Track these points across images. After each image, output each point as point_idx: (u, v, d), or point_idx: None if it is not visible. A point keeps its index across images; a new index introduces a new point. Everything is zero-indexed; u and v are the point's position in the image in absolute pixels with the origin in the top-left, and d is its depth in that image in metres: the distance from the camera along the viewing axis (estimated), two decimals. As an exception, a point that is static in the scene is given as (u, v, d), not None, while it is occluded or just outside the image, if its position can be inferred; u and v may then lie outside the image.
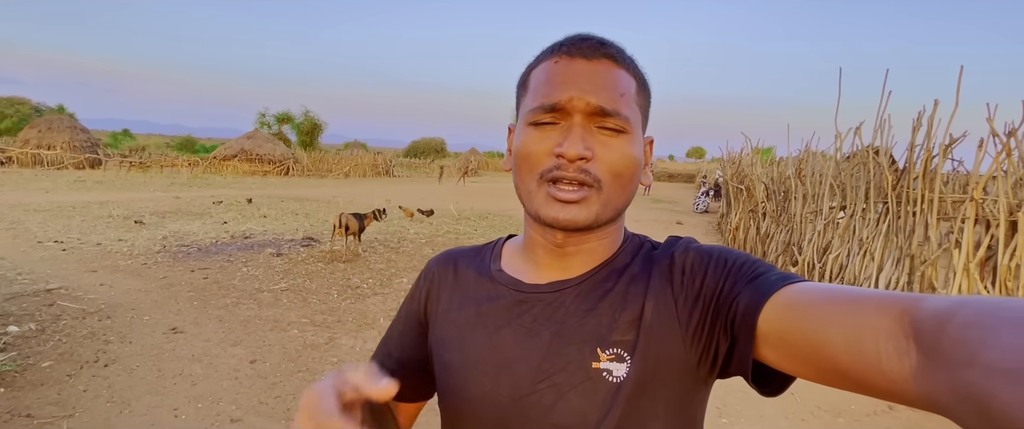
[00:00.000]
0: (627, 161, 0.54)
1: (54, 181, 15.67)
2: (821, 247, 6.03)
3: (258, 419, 2.77)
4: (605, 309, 0.55)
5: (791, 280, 0.47)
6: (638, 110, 0.57)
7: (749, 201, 9.23)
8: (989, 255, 4.10)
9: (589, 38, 0.56)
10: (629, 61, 0.57)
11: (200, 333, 3.90)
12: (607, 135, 0.54)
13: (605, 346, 0.54)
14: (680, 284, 0.54)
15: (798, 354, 0.43)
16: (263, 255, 6.60)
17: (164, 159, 25.07)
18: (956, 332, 0.30)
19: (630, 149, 0.55)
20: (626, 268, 0.58)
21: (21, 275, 5.13)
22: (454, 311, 0.64)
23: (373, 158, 29.82)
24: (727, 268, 0.52)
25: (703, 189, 17.53)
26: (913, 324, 0.35)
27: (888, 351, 0.36)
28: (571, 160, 0.52)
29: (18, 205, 9.96)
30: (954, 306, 0.32)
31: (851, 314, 0.39)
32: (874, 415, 3.21)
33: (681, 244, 0.58)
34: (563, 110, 0.53)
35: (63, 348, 3.48)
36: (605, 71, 0.54)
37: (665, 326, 0.53)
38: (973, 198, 4.08)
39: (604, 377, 0.53)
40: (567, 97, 0.53)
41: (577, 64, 0.54)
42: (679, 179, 37.79)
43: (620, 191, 0.55)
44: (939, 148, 4.42)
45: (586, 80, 0.53)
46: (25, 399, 2.79)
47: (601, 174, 0.53)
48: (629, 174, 0.55)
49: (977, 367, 0.28)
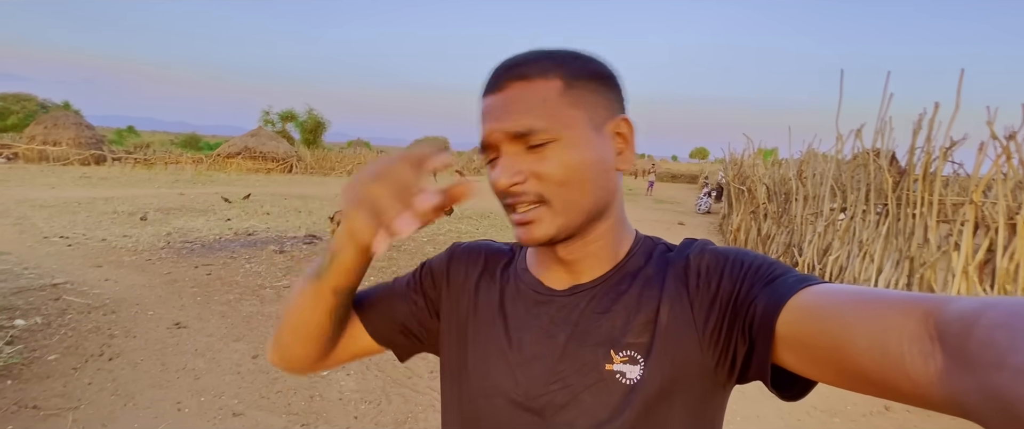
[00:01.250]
0: (567, 169, 0.53)
1: (60, 177, 15.77)
2: (821, 248, 6.04)
3: (259, 413, 2.81)
4: (619, 311, 0.56)
5: (810, 282, 0.47)
6: (572, 108, 0.54)
7: (750, 202, 9.24)
8: (988, 258, 4.11)
9: (499, 68, 0.56)
10: (547, 67, 0.54)
11: (203, 328, 3.95)
12: (537, 153, 0.53)
13: (618, 348, 0.54)
14: (696, 287, 0.54)
15: (819, 358, 0.43)
16: (266, 252, 6.64)
17: (168, 156, 25.18)
18: (983, 334, 0.30)
19: (568, 154, 0.53)
20: (640, 270, 0.58)
21: (27, 270, 5.19)
22: (474, 309, 0.64)
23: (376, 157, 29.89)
24: (744, 270, 0.52)
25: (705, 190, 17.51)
26: (938, 326, 0.34)
27: (912, 354, 0.35)
28: (502, 191, 0.54)
29: (24, 201, 10.05)
30: (981, 308, 0.32)
31: (873, 316, 0.39)
32: (870, 416, 3.23)
33: (697, 246, 0.58)
34: (492, 147, 0.55)
35: (69, 342, 3.52)
36: (514, 94, 0.54)
37: (681, 329, 0.53)
38: (972, 201, 4.09)
39: (617, 379, 0.53)
40: (487, 133, 0.55)
41: (490, 100, 0.55)
42: (682, 180, 37.73)
43: (579, 194, 0.54)
44: (939, 151, 4.43)
45: (499, 111, 0.54)
46: (32, 391, 2.84)
47: (543, 189, 0.53)
48: (578, 177, 0.53)
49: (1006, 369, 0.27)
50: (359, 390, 3.14)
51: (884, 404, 3.34)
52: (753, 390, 3.42)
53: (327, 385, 3.16)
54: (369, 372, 3.37)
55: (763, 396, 3.36)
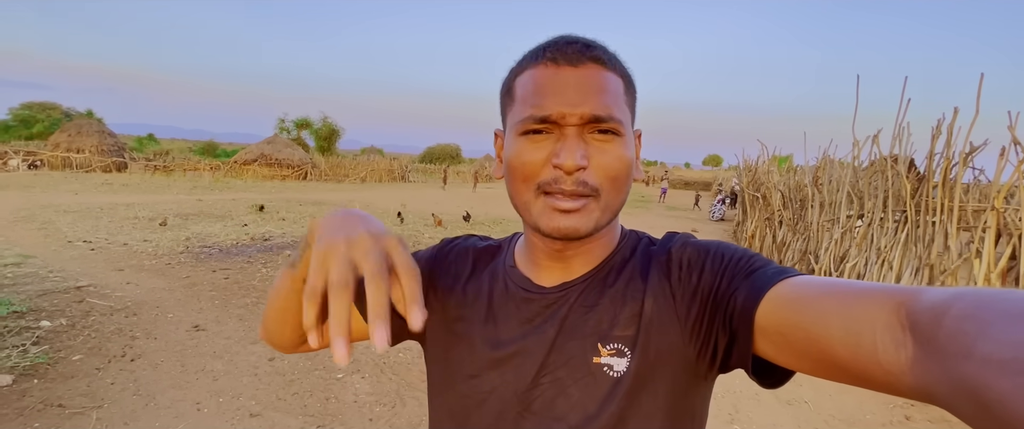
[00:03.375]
0: (622, 164, 0.53)
1: (83, 183, 16.18)
2: (838, 256, 5.96)
3: (276, 414, 2.85)
4: (606, 305, 0.56)
5: (789, 274, 0.47)
6: (627, 109, 0.55)
7: (765, 209, 9.14)
8: (1011, 265, 4.02)
9: (574, 41, 0.54)
10: (615, 60, 0.55)
11: (221, 331, 4.01)
12: (601, 140, 0.53)
13: (606, 341, 0.55)
14: (677, 279, 0.55)
15: (796, 347, 0.43)
16: (281, 256, 6.74)
17: (187, 163, 25.70)
18: (953, 324, 0.30)
19: (624, 152, 0.54)
20: (626, 264, 0.59)
21: (52, 273, 5.33)
22: (463, 307, 0.64)
23: (389, 164, 30.19)
24: (725, 263, 0.52)
25: (719, 197, 17.38)
26: (910, 316, 0.35)
27: (885, 343, 0.36)
28: (569, 172, 0.51)
29: (49, 206, 10.32)
30: (951, 298, 0.32)
31: (848, 307, 0.39)
32: (889, 425, 3.17)
33: (678, 239, 0.59)
34: (556, 123, 0.52)
35: (92, 343, 3.61)
36: (593, 76, 0.52)
37: (664, 321, 0.54)
38: (994, 207, 4.02)
39: (605, 372, 0.54)
40: (558, 113, 0.51)
41: (564, 72, 0.52)
42: (695, 186, 37.46)
43: (617, 194, 0.55)
44: (959, 156, 4.36)
45: (575, 89, 0.51)
46: (57, 390, 2.91)
47: (598, 181, 0.53)
48: (624, 176, 0.54)
49: (973, 359, 0.28)
50: (374, 392, 3.17)
51: (904, 413, 3.28)
52: (768, 397, 3.38)
53: (342, 388, 3.20)
54: (384, 375, 3.40)
55: (779, 404, 3.32)
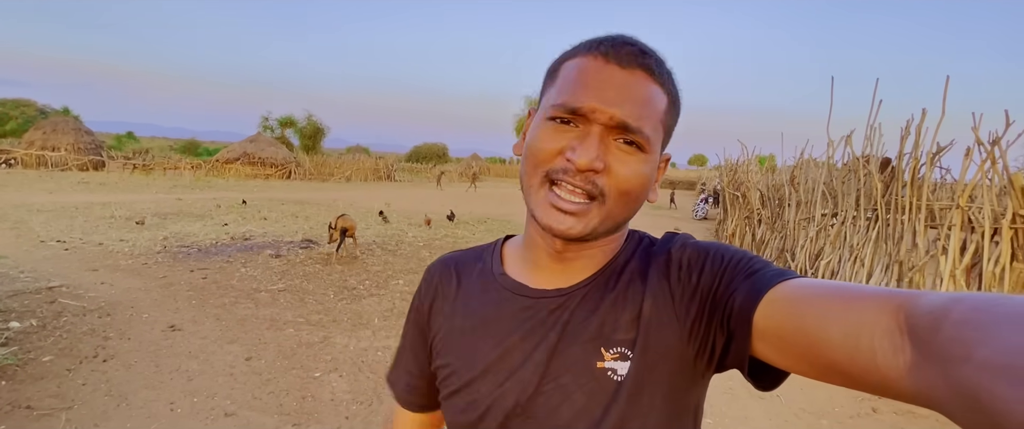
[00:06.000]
0: (637, 180, 0.53)
1: (58, 182, 15.81)
2: (813, 253, 6.09)
3: (251, 413, 2.83)
4: (607, 309, 0.56)
5: (787, 276, 0.47)
6: (662, 129, 0.54)
7: (745, 208, 9.30)
8: (975, 261, 4.16)
9: (632, 43, 0.53)
10: (666, 76, 0.54)
11: (198, 331, 3.97)
12: (624, 150, 0.52)
13: (609, 346, 0.54)
14: (677, 280, 0.54)
15: (794, 350, 0.43)
16: (262, 256, 6.68)
17: (167, 162, 25.23)
18: (951, 329, 0.30)
19: (643, 168, 0.53)
20: (626, 266, 0.59)
21: (24, 273, 5.22)
22: (458, 319, 0.63)
23: (375, 163, 29.99)
24: (724, 264, 0.52)
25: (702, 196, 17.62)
26: (908, 320, 0.34)
27: (883, 347, 0.36)
28: (580, 169, 0.51)
29: (22, 205, 10.08)
30: (950, 303, 0.32)
31: (847, 310, 0.39)
32: (857, 417, 3.26)
33: (678, 240, 0.58)
34: (584, 117, 0.51)
35: (63, 344, 3.55)
36: (637, 83, 0.51)
37: (664, 322, 0.54)
38: (959, 206, 4.15)
39: (609, 376, 0.53)
40: (590, 107, 0.51)
41: (610, 70, 0.51)
42: (680, 186, 37.83)
43: (624, 207, 0.54)
44: (926, 156, 4.49)
45: (615, 90, 0.51)
46: (26, 392, 2.86)
47: (608, 188, 0.52)
48: (636, 193, 0.54)
49: (972, 364, 0.28)
50: (351, 391, 3.17)
51: (871, 406, 3.37)
52: (741, 390, 3.45)
53: (319, 386, 3.19)
54: (361, 374, 3.40)
55: (751, 397, 3.39)
